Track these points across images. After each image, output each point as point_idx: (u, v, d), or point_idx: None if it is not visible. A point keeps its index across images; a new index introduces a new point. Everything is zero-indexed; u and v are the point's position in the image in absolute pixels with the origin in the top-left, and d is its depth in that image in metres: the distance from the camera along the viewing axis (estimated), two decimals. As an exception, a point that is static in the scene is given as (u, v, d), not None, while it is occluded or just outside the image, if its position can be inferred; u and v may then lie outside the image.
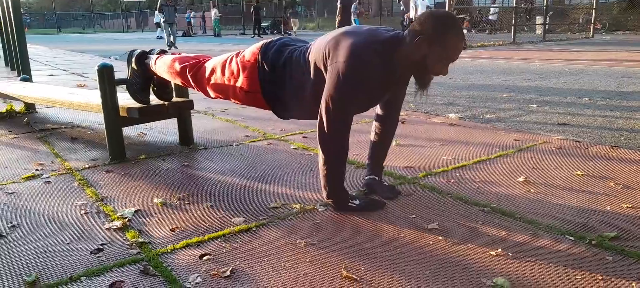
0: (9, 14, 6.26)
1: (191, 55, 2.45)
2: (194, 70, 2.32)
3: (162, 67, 2.47)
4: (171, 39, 14.61)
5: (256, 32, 23.13)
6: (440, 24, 1.72)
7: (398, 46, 1.80)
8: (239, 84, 2.12)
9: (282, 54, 2.03)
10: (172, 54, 2.59)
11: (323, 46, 1.88)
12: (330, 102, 1.80)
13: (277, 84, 2.03)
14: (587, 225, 1.79)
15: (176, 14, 15.47)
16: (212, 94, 2.29)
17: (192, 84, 2.35)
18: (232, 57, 2.19)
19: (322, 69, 1.88)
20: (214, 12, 24.65)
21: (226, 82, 2.18)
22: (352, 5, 18.14)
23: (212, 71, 2.24)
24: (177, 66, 2.38)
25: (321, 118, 1.84)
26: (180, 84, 2.46)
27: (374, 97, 1.93)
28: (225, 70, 2.18)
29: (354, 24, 17.98)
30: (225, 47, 15.03)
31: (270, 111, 2.15)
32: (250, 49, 2.13)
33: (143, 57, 2.62)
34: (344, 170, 1.92)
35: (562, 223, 1.80)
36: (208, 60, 2.33)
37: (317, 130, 1.88)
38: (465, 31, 12.89)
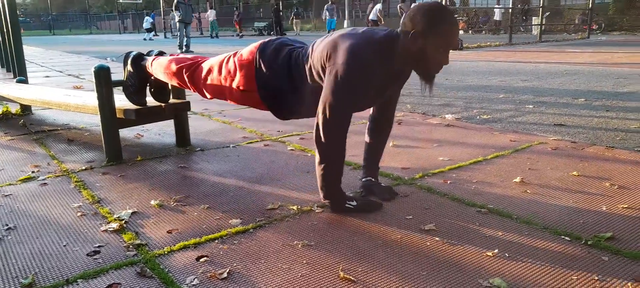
0: (5, 15, 6.24)
1: (188, 56, 2.45)
2: (191, 71, 2.32)
3: (158, 68, 2.47)
4: (185, 41, 13.32)
5: (277, 30, 23.63)
6: (431, 15, 1.72)
7: (395, 43, 1.81)
8: (235, 83, 2.12)
9: (280, 54, 2.03)
10: (170, 55, 2.58)
11: (321, 48, 1.88)
12: (328, 104, 1.80)
13: (274, 83, 2.03)
14: (583, 226, 1.79)
15: (193, 14, 14.89)
16: (208, 94, 2.29)
17: (189, 84, 2.35)
18: (230, 56, 2.19)
19: (320, 71, 1.88)
20: (210, 13, 24.55)
21: (223, 82, 2.17)
22: (325, 6, 18.33)
23: (209, 71, 2.23)
24: (174, 67, 2.38)
25: (319, 119, 1.84)
26: (176, 84, 2.46)
27: (373, 97, 1.93)
28: (222, 70, 2.18)
29: (334, 26, 18.04)
30: (225, 47, 15.01)
31: (267, 111, 2.15)
32: (248, 48, 2.13)
33: (139, 58, 2.62)
34: (341, 171, 1.92)
35: (558, 224, 1.81)
36: (205, 60, 2.33)
37: (314, 131, 1.88)
38: (461, 32, 12.91)
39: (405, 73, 1.93)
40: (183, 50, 13.08)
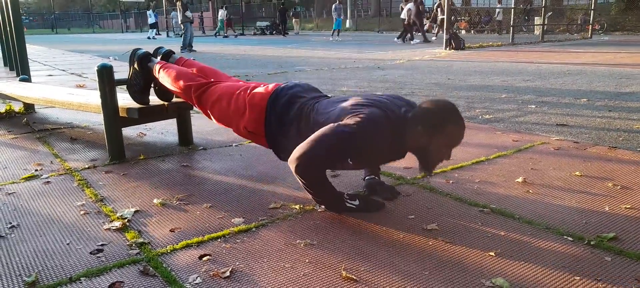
0: (8, 14, 6.26)
1: (195, 71, 2.44)
2: (199, 93, 2.30)
3: (165, 79, 2.47)
4: (188, 40, 13.39)
5: (279, 30, 24.17)
6: (439, 116, 1.75)
7: (405, 127, 1.81)
8: (243, 121, 2.12)
9: (291, 107, 2.02)
10: (178, 60, 2.59)
11: (338, 111, 1.86)
12: (322, 139, 1.77)
13: (282, 134, 2.03)
14: (585, 226, 1.79)
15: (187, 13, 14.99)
16: (214, 119, 2.29)
17: (195, 104, 2.35)
18: (241, 92, 2.16)
19: None
20: (221, 13, 24.78)
21: (231, 115, 2.17)
22: (333, 6, 18.20)
23: (218, 99, 2.22)
24: (182, 84, 2.37)
25: (300, 161, 1.79)
26: (181, 98, 2.47)
27: (369, 162, 1.99)
28: (231, 103, 2.17)
29: (336, 23, 17.96)
30: (227, 47, 15.02)
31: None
32: (260, 91, 2.10)
33: (146, 59, 2.61)
34: (331, 187, 1.90)
35: (560, 224, 1.81)
36: (214, 85, 2.30)
37: (293, 161, 1.81)
38: (463, 32, 12.90)
39: (406, 151, 1.95)
40: (186, 49, 13.11)
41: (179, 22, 13.99)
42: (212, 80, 2.36)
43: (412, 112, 1.82)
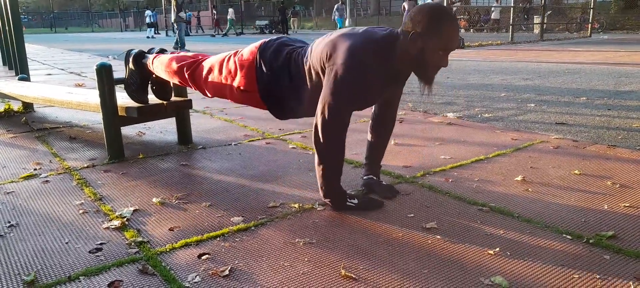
0: (7, 13, 6.25)
1: (189, 54, 2.45)
2: (192, 69, 2.32)
3: (160, 66, 2.47)
4: (182, 40, 13.33)
5: (279, 29, 24.40)
6: (431, 16, 1.71)
7: (394, 44, 1.80)
8: (236, 82, 2.13)
9: (280, 54, 2.03)
10: (171, 53, 2.59)
11: (321, 49, 1.88)
12: (327, 104, 1.80)
13: (274, 84, 2.03)
14: (584, 224, 1.79)
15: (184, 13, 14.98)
16: (209, 93, 2.30)
17: (190, 82, 2.36)
18: (230, 55, 2.19)
19: (320, 71, 1.88)
20: (229, 12, 25.00)
21: (223, 81, 2.18)
22: (335, 6, 18.02)
23: (210, 70, 2.24)
24: (175, 65, 2.38)
25: (317, 120, 1.84)
26: (177, 82, 2.46)
27: (371, 97, 1.93)
28: (222, 69, 2.18)
29: (338, 26, 17.76)
30: (227, 46, 15.01)
31: (267, 111, 2.15)
32: (249, 48, 2.13)
33: (140, 56, 2.62)
34: (341, 170, 1.92)
35: (559, 222, 1.81)
36: (205, 59, 2.33)
37: (312, 131, 1.88)
38: (462, 30, 12.89)
39: (404, 73, 1.92)
40: (181, 48, 13.06)
41: (172, 21, 13.96)
42: (201, 56, 2.38)
43: (404, 21, 1.79)
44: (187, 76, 2.34)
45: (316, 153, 1.89)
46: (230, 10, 25.43)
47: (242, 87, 2.11)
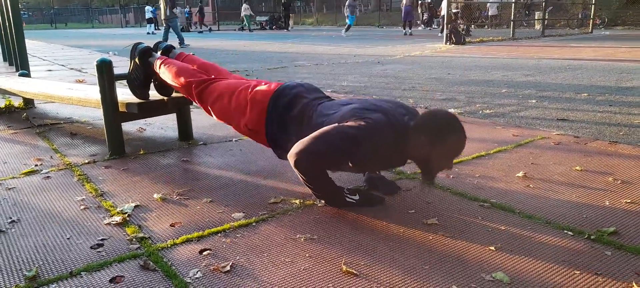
0: (7, 10, 6.24)
1: (196, 67, 2.43)
2: (200, 89, 2.30)
3: (166, 75, 2.46)
4: (181, 36, 13.24)
5: (281, 25, 24.57)
6: (440, 128, 1.75)
7: (406, 136, 1.81)
8: (244, 119, 2.12)
9: (294, 107, 2.02)
10: (179, 55, 2.58)
11: (341, 114, 1.85)
12: (324, 137, 1.78)
13: (283, 133, 2.03)
14: (585, 220, 1.79)
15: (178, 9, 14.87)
16: (214, 116, 2.29)
17: (196, 100, 2.35)
18: (242, 89, 2.16)
19: None
20: (244, 8, 24.61)
21: (232, 113, 2.17)
22: (348, 1, 17.68)
23: (219, 97, 2.22)
24: (183, 80, 2.36)
25: (298, 156, 1.80)
26: (181, 94, 2.47)
27: (369, 166, 1.98)
28: (232, 101, 2.16)
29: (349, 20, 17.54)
30: (228, 42, 14.98)
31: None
32: (263, 89, 2.10)
33: (147, 54, 2.61)
34: (330, 180, 1.91)
35: (561, 219, 1.81)
36: (215, 82, 2.29)
37: (292, 156, 1.82)
38: (463, 26, 12.87)
39: (406, 160, 1.94)
40: (181, 45, 13.01)
41: (162, 18, 13.88)
42: (213, 76, 2.35)
43: (414, 121, 1.81)
44: (194, 94, 2.32)
45: (300, 175, 1.87)
46: (245, 5, 24.65)
47: (249, 126, 2.11)
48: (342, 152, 1.80)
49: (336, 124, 1.80)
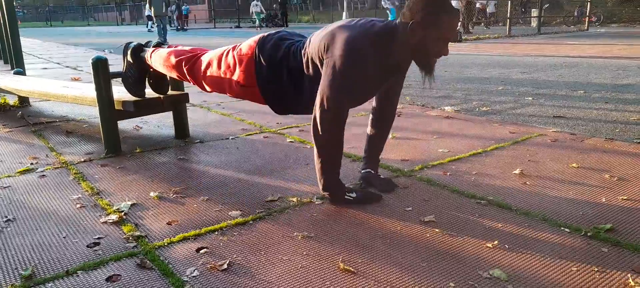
0: (2, 7, 6.20)
1: (187, 48, 2.44)
2: (190, 64, 2.31)
3: (158, 60, 2.46)
4: (165, 35, 13.47)
5: (278, 22, 24.38)
6: (430, 6, 1.71)
7: (393, 35, 1.80)
8: (235, 77, 2.12)
9: (279, 49, 2.02)
10: (168, 46, 2.57)
11: (319, 40, 1.87)
12: (325, 96, 1.80)
13: (274, 78, 2.02)
14: (582, 217, 1.80)
15: (171, 7, 14.87)
16: (208, 87, 2.29)
17: (188, 77, 2.34)
18: (229, 50, 2.18)
19: (318, 63, 1.87)
20: (254, 5, 24.38)
21: (222, 75, 2.17)
22: None
23: (208, 64, 2.23)
24: (173, 59, 2.36)
25: (316, 112, 1.83)
26: (175, 77, 2.45)
27: (370, 89, 1.92)
28: (221, 64, 2.17)
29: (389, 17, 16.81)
30: (226, 40, 14.95)
31: (266, 105, 2.14)
32: (247, 43, 2.12)
33: (139, 50, 2.60)
34: (340, 163, 1.92)
35: (557, 216, 1.81)
36: (204, 53, 2.32)
37: (311, 123, 1.87)
38: (460, 27, 12.87)
39: (404, 65, 1.92)
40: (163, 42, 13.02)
41: (152, 15, 13.89)
42: (200, 51, 2.36)
43: (402, 12, 1.79)
44: (185, 70, 2.32)
45: (315, 146, 1.88)
46: (255, 1, 24.29)
47: (241, 82, 2.10)
48: (354, 75, 1.78)
49: (329, 70, 1.79)
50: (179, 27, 23.98)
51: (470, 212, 1.86)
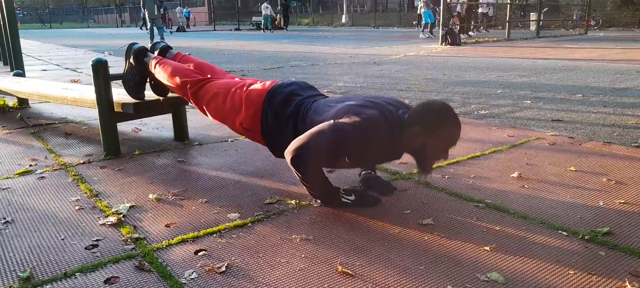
0: (2, 9, 6.20)
1: (192, 67, 2.43)
2: (195, 89, 2.30)
3: (161, 75, 2.45)
4: (158, 37, 13.35)
5: (279, 25, 24.67)
6: (434, 117, 1.75)
7: (401, 130, 1.81)
8: (239, 118, 2.12)
9: (288, 105, 2.02)
10: (175, 55, 2.58)
11: (335, 111, 1.86)
12: (313, 144, 1.78)
13: (278, 131, 2.03)
14: (580, 221, 1.80)
15: (161, 10, 14.85)
16: (209, 116, 2.28)
17: (191, 100, 2.34)
18: (237, 89, 2.16)
19: None
20: (264, 7, 24.35)
21: (227, 112, 2.17)
22: None
23: (214, 96, 2.22)
24: (178, 80, 2.36)
25: (296, 153, 1.79)
26: (177, 94, 2.46)
27: (365, 162, 2.00)
28: (227, 100, 2.16)
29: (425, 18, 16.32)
30: (224, 42, 14.96)
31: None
32: (257, 88, 2.10)
33: (142, 54, 2.60)
34: (325, 178, 1.92)
35: (555, 219, 1.82)
36: (211, 82, 2.29)
37: (289, 163, 1.83)
38: (457, 27, 12.90)
39: (402, 153, 1.96)
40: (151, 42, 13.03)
41: (149, 17, 13.91)
42: (209, 76, 2.35)
43: (408, 113, 1.82)
44: (189, 93, 2.32)
45: (296, 173, 1.87)
46: (266, 4, 24.16)
47: (245, 125, 2.11)
48: (338, 148, 1.80)
49: (332, 121, 1.80)
50: (167, 30, 24.06)
51: (468, 215, 1.86)
